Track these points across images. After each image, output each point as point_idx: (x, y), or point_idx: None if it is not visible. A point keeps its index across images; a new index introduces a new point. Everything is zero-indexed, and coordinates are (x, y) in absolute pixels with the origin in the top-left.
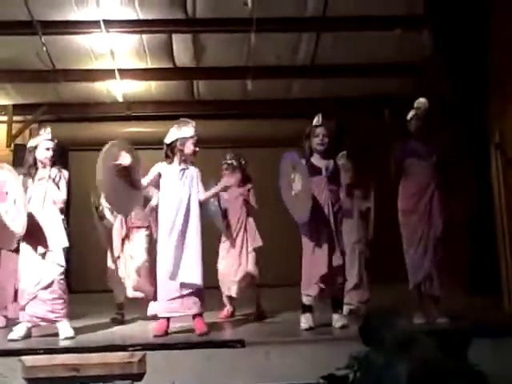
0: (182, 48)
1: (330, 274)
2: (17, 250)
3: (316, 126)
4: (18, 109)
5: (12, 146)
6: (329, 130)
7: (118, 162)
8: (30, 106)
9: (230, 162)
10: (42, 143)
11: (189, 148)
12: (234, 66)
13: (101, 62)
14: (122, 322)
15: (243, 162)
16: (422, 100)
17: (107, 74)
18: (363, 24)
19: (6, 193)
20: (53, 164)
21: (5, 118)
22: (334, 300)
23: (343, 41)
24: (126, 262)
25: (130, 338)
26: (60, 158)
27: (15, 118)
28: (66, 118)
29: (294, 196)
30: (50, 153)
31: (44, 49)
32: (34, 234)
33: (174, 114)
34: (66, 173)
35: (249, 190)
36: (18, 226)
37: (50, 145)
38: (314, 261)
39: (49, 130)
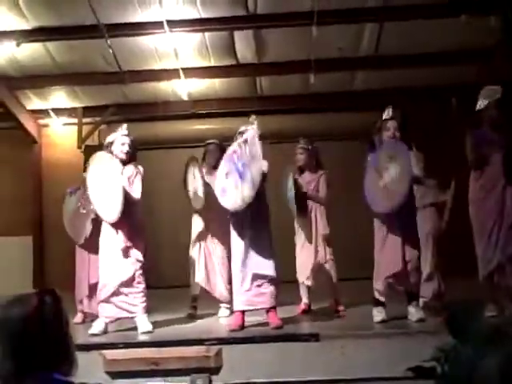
0: (244, 44)
1: (404, 268)
2: (87, 247)
3: (387, 120)
4: (87, 111)
5: (83, 147)
6: (399, 122)
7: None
8: (99, 107)
9: (303, 145)
10: (119, 139)
11: None
12: (296, 59)
13: (165, 62)
14: (196, 317)
15: (316, 148)
16: (494, 87)
17: (172, 73)
18: (427, 12)
19: (102, 181)
20: (129, 160)
21: (75, 121)
22: (410, 293)
23: (407, 29)
24: (205, 251)
25: (206, 332)
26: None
27: (85, 120)
28: (133, 118)
29: (381, 187)
30: (126, 148)
31: (110, 51)
32: (115, 230)
33: (238, 111)
34: (141, 169)
35: (319, 178)
36: (110, 215)
37: (126, 140)
38: (385, 254)
39: (125, 126)
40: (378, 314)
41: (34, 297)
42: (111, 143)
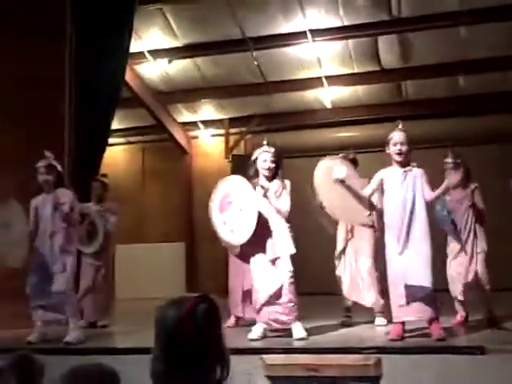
0: (388, 49)
1: None
2: (242, 256)
3: None
4: (233, 122)
5: (230, 156)
6: None
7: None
8: (244, 118)
9: (452, 160)
10: (261, 155)
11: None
12: (443, 62)
13: (308, 71)
14: (350, 325)
15: (464, 162)
16: None
17: (315, 82)
18: None
19: (230, 203)
20: (274, 175)
21: (222, 131)
22: None
23: None
24: (350, 259)
25: (364, 341)
26: None
27: (231, 130)
28: (277, 128)
29: None
30: (268, 164)
31: (255, 63)
32: (264, 242)
33: (382, 117)
34: (288, 183)
35: (473, 192)
36: (237, 237)
37: (268, 156)
38: None
39: (265, 142)
40: None
41: (189, 300)
42: (254, 160)
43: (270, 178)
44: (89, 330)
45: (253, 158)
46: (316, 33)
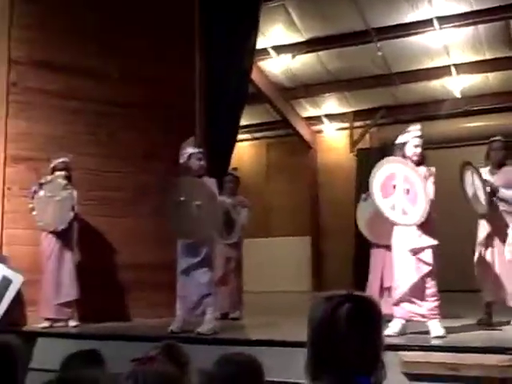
0: None
1: None
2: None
3: None
4: (357, 115)
5: (355, 150)
6: None
7: None
8: (369, 111)
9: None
10: (412, 140)
11: None
12: None
13: (435, 60)
14: (489, 324)
15: None
16: None
17: (442, 70)
18: None
19: (394, 186)
20: (421, 161)
21: (346, 125)
22: None
23: None
24: (493, 256)
25: (508, 341)
26: None
27: (356, 123)
28: (403, 119)
29: None
30: (419, 149)
31: (379, 54)
32: (408, 231)
33: None
34: (433, 170)
35: None
36: (410, 218)
37: (419, 142)
38: None
39: (418, 126)
40: None
41: (334, 298)
42: (403, 144)
43: (417, 164)
44: (221, 322)
45: (400, 141)
46: (443, 20)
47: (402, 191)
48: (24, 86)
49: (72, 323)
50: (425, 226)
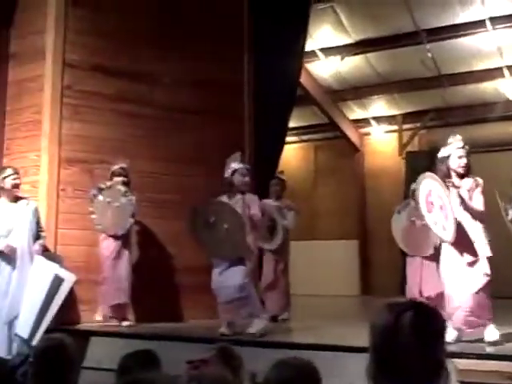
0: None
1: None
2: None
3: None
4: (406, 117)
5: (404, 153)
6: None
7: None
8: (418, 113)
9: None
10: (455, 152)
11: None
12: None
13: (487, 62)
14: None
15: None
16: None
17: (495, 72)
18: None
19: (432, 203)
20: (467, 172)
21: (395, 128)
22: None
23: None
24: None
25: None
26: None
27: (404, 126)
28: (453, 122)
29: None
30: (464, 161)
31: (429, 55)
32: (460, 242)
33: None
34: (480, 181)
35: None
36: (448, 235)
37: (463, 153)
38: None
39: (459, 137)
40: None
41: (397, 306)
42: (447, 157)
43: (462, 176)
44: (271, 324)
45: (444, 154)
46: (497, 20)
47: (438, 207)
48: (78, 89)
49: (126, 323)
50: (478, 236)
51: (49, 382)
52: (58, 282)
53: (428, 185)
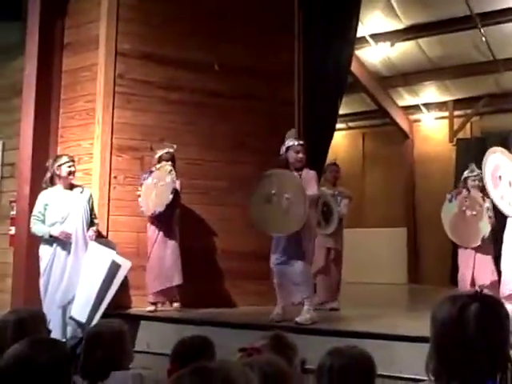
0: None
1: None
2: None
3: None
4: (458, 104)
5: (454, 140)
6: None
7: None
8: (470, 99)
9: None
10: None
11: None
12: None
13: None
14: None
15: None
16: None
17: None
18: None
19: (499, 177)
20: None
21: (446, 114)
22: None
23: None
24: None
25: None
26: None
27: (456, 112)
28: (507, 108)
29: None
30: None
31: (483, 40)
32: None
33: None
34: None
35: None
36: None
37: None
38: None
39: None
40: None
41: (461, 298)
42: None
43: None
44: (320, 312)
45: None
46: None
47: (506, 182)
48: (129, 78)
49: (176, 304)
50: None
51: (102, 365)
52: (115, 267)
53: (495, 160)
